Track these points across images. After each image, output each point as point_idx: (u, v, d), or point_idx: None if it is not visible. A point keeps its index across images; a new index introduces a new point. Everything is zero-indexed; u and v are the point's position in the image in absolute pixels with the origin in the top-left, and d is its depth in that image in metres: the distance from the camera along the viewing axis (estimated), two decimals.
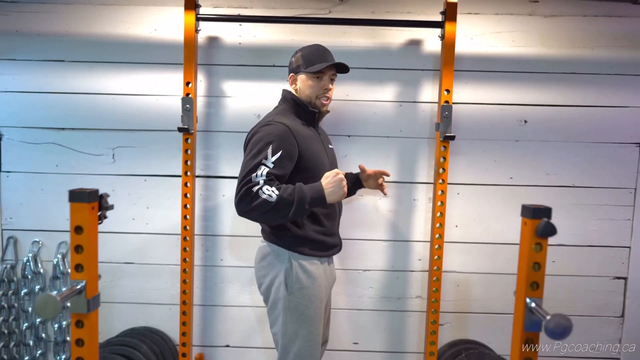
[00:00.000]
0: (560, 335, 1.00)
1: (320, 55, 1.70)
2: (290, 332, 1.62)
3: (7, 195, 2.30)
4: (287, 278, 1.62)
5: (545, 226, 1.09)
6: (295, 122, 1.66)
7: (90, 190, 1.17)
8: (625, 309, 2.32)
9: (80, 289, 1.17)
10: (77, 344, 1.19)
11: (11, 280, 2.31)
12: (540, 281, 1.13)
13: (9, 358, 2.33)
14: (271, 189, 1.48)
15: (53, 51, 2.24)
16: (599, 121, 2.25)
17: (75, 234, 1.17)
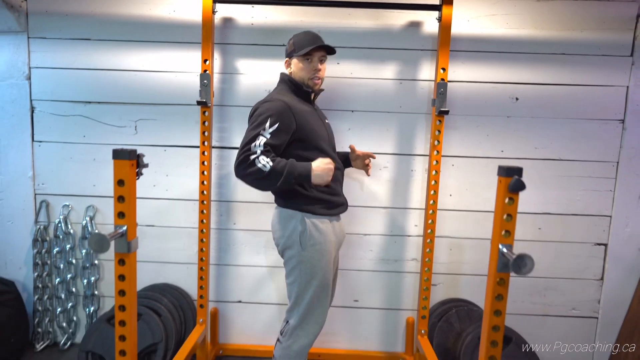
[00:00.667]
0: (523, 270, 1.20)
1: (309, 39, 1.86)
2: (304, 282, 1.83)
3: (39, 163, 2.52)
4: (301, 236, 1.81)
5: (515, 182, 1.28)
6: (293, 99, 1.84)
7: (131, 150, 1.38)
8: (604, 273, 2.52)
9: (122, 233, 1.39)
10: (120, 279, 1.42)
11: (44, 239, 2.54)
12: (512, 230, 1.33)
13: (43, 309, 2.58)
14: (266, 159, 1.66)
15: (80, 30, 2.43)
16: (585, 99, 2.41)
17: (117, 186, 1.38)
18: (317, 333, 1.88)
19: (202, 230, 2.30)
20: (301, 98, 1.91)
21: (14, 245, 2.57)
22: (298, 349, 1.85)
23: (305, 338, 1.85)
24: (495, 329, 1.37)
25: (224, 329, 2.61)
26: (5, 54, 2.42)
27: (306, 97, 1.92)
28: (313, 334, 1.86)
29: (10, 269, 2.58)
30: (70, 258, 2.55)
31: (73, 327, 2.61)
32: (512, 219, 1.32)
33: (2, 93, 2.45)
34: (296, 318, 1.85)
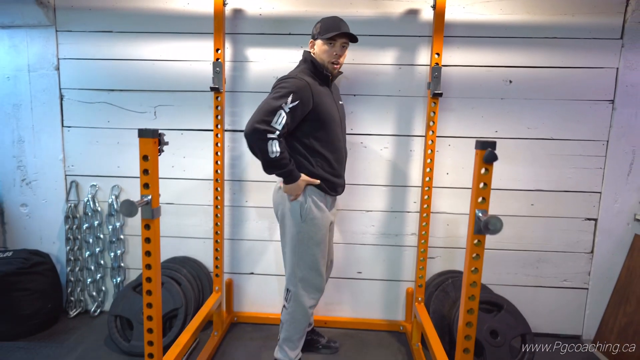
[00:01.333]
0: (492, 231, 1.38)
1: (335, 25, 2.00)
2: (301, 251, 2.03)
3: (68, 147, 2.76)
4: (301, 209, 2.01)
5: (488, 154, 1.44)
6: (314, 80, 1.99)
7: (153, 129, 1.59)
8: (594, 246, 2.66)
9: (148, 201, 1.60)
10: (146, 241, 1.64)
11: (75, 216, 2.79)
12: (487, 197, 1.50)
13: (75, 280, 2.84)
14: (278, 148, 1.85)
15: (102, 23, 2.64)
16: (576, 81, 2.53)
17: (143, 161, 1.59)
18: (317, 298, 2.10)
19: (216, 207, 2.51)
20: (320, 80, 2.05)
21: (48, 222, 2.83)
22: (301, 312, 2.08)
23: (306, 303, 2.07)
24: (473, 284, 1.55)
25: (238, 298, 2.85)
26: (36, 46, 2.64)
27: (324, 79, 2.07)
28: (314, 298, 2.08)
29: (45, 243, 2.84)
30: (98, 233, 2.80)
31: (102, 296, 2.87)
32: (487, 187, 1.49)
33: (34, 83, 2.68)
34: (296, 285, 2.06)
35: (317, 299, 2.10)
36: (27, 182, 2.79)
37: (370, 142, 2.64)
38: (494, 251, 2.70)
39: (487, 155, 1.45)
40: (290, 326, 2.10)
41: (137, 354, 2.41)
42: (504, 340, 2.34)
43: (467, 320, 1.58)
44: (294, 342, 2.12)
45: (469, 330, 1.59)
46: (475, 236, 1.52)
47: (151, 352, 1.71)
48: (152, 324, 1.69)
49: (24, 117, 2.72)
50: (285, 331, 2.12)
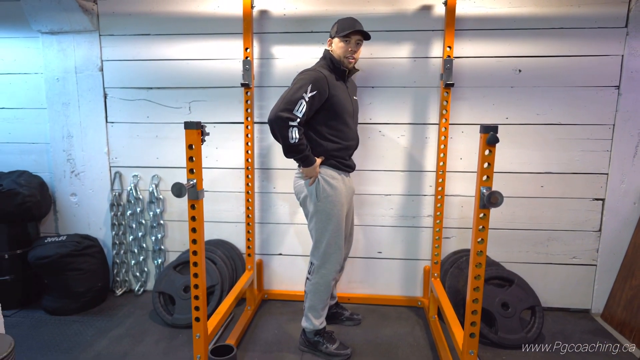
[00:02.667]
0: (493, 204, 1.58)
1: (349, 24, 2.21)
2: (321, 227, 2.27)
3: (112, 140, 3.03)
4: (317, 189, 2.25)
5: (491, 137, 1.63)
6: (331, 74, 2.22)
7: (197, 122, 1.83)
8: (602, 225, 2.82)
9: (193, 184, 1.85)
10: (192, 219, 1.88)
11: (119, 204, 3.08)
12: (490, 175, 1.69)
13: (120, 262, 3.13)
14: (297, 135, 2.07)
15: (141, 27, 2.89)
16: (583, 68, 2.68)
17: (188, 149, 1.84)
18: (337, 269, 2.33)
19: (247, 192, 2.76)
20: (336, 74, 2.27)
21: (95, 210, 3.12)
22: (324, 284, 2.32)
23: (328, 275, 2.31)
24: (479, 253, 1.75)
25: (268, 277, 3.10)
26: (83, 50, 2.92)
27: (341, 74, 2.28)
28: (334, 270, 2.32)
29: (93, 229, 3.14)
30: (140, 219, 3.07)
31: (145, 277, 3.16)
32: (490, 166, 1.68)
33: (80, 83, 2.96)
34: (319, 259, 2.31)
35: (337, 271, 2.34)
36: (76, 174, 3.08)
37: (388, 130, 2.84)
38: (506, 231, 2.88)
39: (490, 137, 1.64)
40: (314, 296, 2.34)
41: (179, 325, 2.68)
42: (515, 311, 2.54)
43: (475, 286, 1.78)
44: (317, 311, 2.36)
45: (476, 294, 1.79)
46: (481, 210, 1.71)
47: (198, 316, 1.96)
48: (199, 292, 1.94)
49: (72, 114, 3.00)
50: (310, 300, 2.36)
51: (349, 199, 2.40)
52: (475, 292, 1.79)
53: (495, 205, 1.60)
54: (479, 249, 1.74)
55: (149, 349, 2.46)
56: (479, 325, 1.84)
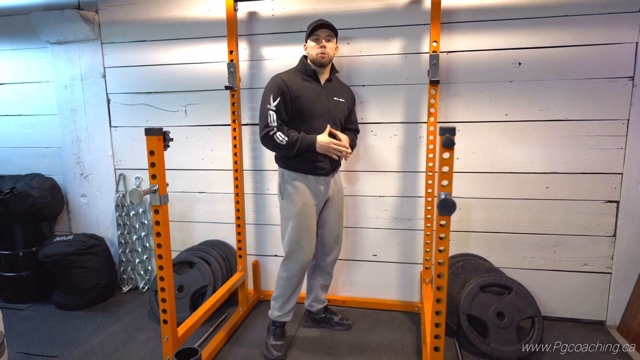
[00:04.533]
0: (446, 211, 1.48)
1: (314, 23, 2.24)
2: (283, 225, 2.36)
3: (116, 144, 3.16)
4: (281, 188, 2.32)
5: (446, 140, 1.52)
6: (296, 76, 2.24)
7: (158, 128, 1.85)
8: (617, 229, 2.57)
9: (155, 189, 1.88)
10: (157, 224, 1.92)
11: (123, 205, 3.20)
12: (449, 180, 1.58)
13: (126, 260, 3.26)
14: (282, 135, 2.14)
15: (138, 34, 2.98)
16: (591, 59, 2.45)
17: (150, 156, 1.87)
18: (298, 269, 2.33)
19: (237, 194, 2.77)
20: (308, 76, 2.28)
21: (103, 210, 3.27)
22: (286, 278, 2.37)
23: (289, 271, 2.35)
24: (440, 263, 1.64)
25: (265, 278, 3.10)
26: (87, 58, 3.06)
27: (312, 75, 2.27)
28: (295, 269, 2.34)
29: (102, 228, 3.29)
30: (143, 219, 3.18)
31: (149, 275, 3.27)
32: (448, 170, 1.57)
33: (86, 90, 3.11)
34: (286, 254, 2.37)
35: (298, 270, 2.34)
36: (85, 176, 3.24)
37: (380, 130, 2.75)
38: (508, 235, 2.70)
39: (445, 140, 1.54)
40: (277, 287, 2.41)
41: None
42: (511, 321, 2.37)
43: (437, 297, 1.68)
44: (279, 303, 2.40)
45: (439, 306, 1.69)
46: (440, 217, 1.61)
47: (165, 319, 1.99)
48: (165, 295, 1.97)
49: (80, 119, 3.16)
50: (275, 290, 2.43)
51: (320, 201, 2.35)
52: (438, 303, 1.69)
53: (449, 213, 1.49)
54: (441, 259, 1.64)
55: (139, 346, 2.54)
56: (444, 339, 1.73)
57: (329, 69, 2.33)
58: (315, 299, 2.64)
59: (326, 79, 2.32)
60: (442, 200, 1.50)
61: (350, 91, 2.50)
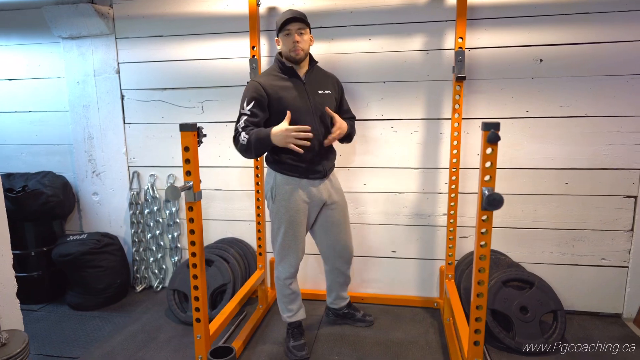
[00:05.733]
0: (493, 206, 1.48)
1: (283, 16, 2.12)
2: (275, 229, 2.32)
3: (130, 141, 3.11)
4: (272, 190, 2.25)
5: (491, 135, 1.53)
6: (273, 77, 2.17)
7: (192, 123, 1.82)
8: (634, 224, 2.61)
9: (190, 186, 1.85)
10: (190, 221, 1.89)
11: (137, 202, 3.16)
12: (492, 175, 1.59)
13: (140, 259, 3.22)
14: (245, 135, 2.05)
15: (154, 29, 2.94)
16: (611, 56, 2.48)
17: (184, 152, 1.84)
18: (292, 272, 2.34)
19: (257, 191, 2.75)
20: (285, 74, 2.20)
21: (116, 208, 3.22)
22: (277, 282, 2.39)
23: (281, 275, 2.36)
24: (482, 257, 1.65)
25: None
26: (100, 54, 3.00)
27: (290, 72, 2.19)
28: (288, 272, 2.34)
29: (114, 227, 3.24)
30: (157, 217, 3.14)
31: (163, 274, 3.23)
32: (492, 165, 1.58)
33: (99, 86, 3.05)
34: (275, 257, 2.37)
35: (291, 272, 2.33)
36: (97, 174, 3.18)
37: (401, 126, 2.75)
38: (528, 230, 2.73)
39: (490, 136, 1.54)
40: (277, 289, 2.43)
41: (191, 323, 2.69)
42: (534, 316, 2.40)
43: (478, 291, 1.69)
44: (283, 305, 2.43)
45: (480, 301, 1.70)
46: (483, 212, 1.62)
47: (198, 317, 1.97)
48: (199, 293, 1.95)
49: (92, 116, 3.10)
50: (276, 293, 2.45)
51: (315, 206, 2.30)
52: (478, 298, 1.70)
53: (495, 208, 1.50)
54: (482, 253, 1.65)
55: (161, 345, 2.51)
56: (484, 331, 1.75)
57: (307, 61, 2.24)
58: (336, 297, 2.64)
59: (306, 72, 2.23)
60: (489, 196, 1.51)
61: (336, 79, 2.40)
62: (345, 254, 2.47)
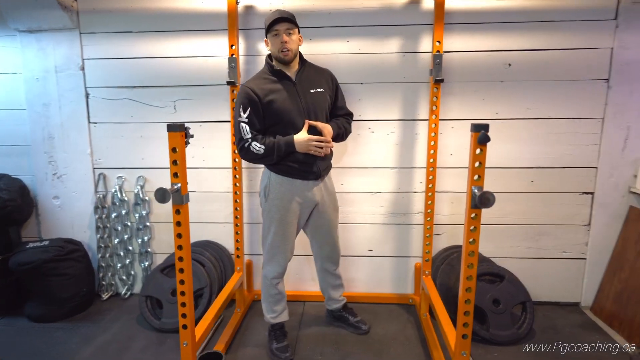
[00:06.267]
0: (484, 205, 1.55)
1: (271, 16, 2.11)
2: (266, 226, 2.32)
3: (95, 141, 2.95)
4: (266, 189, 2.27)
5: (482, 135, 1.60)
6: (263, 80, 2.17)
7: (180, 124, 1.77)
8: (592, 219, 2.82)
9: (178, 188, 1.79)
10: (177, 224, 1.83)
11: (103, 206, 3.00)
12: (481, 174, 1.66)
13: (106, 265, 3.06)
14: (258, 144, 2.09)
15: (123, 24, 2.80)
16: (573, 62, 2.66)
17: (172, 153, 1.78)
18: (280, 271, 2.35)
19: (235, 192, 2.70)
20: (275, 76, 2.19)
21: (79, 212, 3.04)
22: (264, 281, 2.40)
23: (268, 274, 2.36)
24: (471, 254, 1.72)
25: (258, 278, 3.05)
26: (63, 49, 2.82)
27: (280, 74, 2.18)
28: (276, 272, 2.35)
29: (77, 232, 3.06)
30: (126, 221, 3.00)
31: (131, 280, 3.09)
32: (481, 165, 1.65)
33: (61, 83, 2.87)
34: (264, 256, 2.37)
35: (279, 272, 2.35)
36: (58, 176, 2.99)
37: (378, 127, 2.80)
38: (497, 226, 2.86)
39: (480, 137, 1.61)
40: (263, 289, 2.43)
41: (167, 330, 2.63)
42: (506, 307, 2.53)
43: (467, 286, 1.76)
44: (267, 305, 2.43)
45: (468, 295, 1.77)
46: (472, 210, 1.69)
47: (185, 324, 1.91)
48: (185, 299, 1.89)
49: (53, 115, 2.91)
50: (262, 292, 2.46)
51: (307, 207, 2.31)
52: (467, 292, 1.77)
53: (486, 206, 1.57)
54: (471, 250, 1.72)
55: (136, 355, 2.40)
56: (472, 326, 1.82)
57: (297, 61, 2.23)
58: (330, 299, 2.65)
59: (296, 72, 2.21)
60: (483, 194, 1.57)
61: (329, 75, 2.36)
62: (332, 255, 2.50)
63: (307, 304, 2.98)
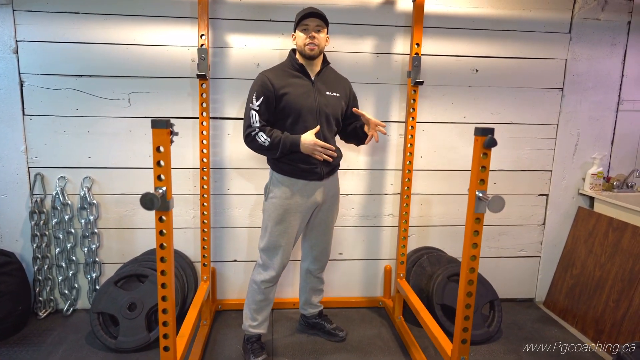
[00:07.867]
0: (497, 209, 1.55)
1: (304, 13, 2.09)
2: (263, 227, 2.23)
3: (31, 137, 2.56)
4: (267, 188, 2.22)
5: (489, 139, 1.60)
6: (283, 72, 2.12)
7: (165, 120, 1.56)
8: (546, 219, 3.00)
9: (163, 193, 1.58)
10: (161, 233, 1.62)
11: (41, 211, 2.61)
12: (485, 179, 1.66)
13: (44, 279, 2.67)
14: (265, 136, 2.03)
15: (67, 3, 2.45)
16: (531, 70, 2.80)
17: (156, 152, 1.57)
18: (273, 275, 2.23)
19: (203, 195, 2.49)
20: (295, 71, 2.14)
21: (10, 219, 2.62)
22: (255, 283, 2.25)
23: (263, 276, 2.23)
24: (472, 258, 1.72)
25: (222, 286, 2.85)
26: None
27: (301, 69, 2.14)
28: (269, 275, 2.23)
29: (7, 241, 2.63)
30: (69, 228, 2.64)
31: (75, 294, 2.73)
32: (485, 169, 1.65)
33: None
34: (260, 258, 2.25)
35: (273, 276, 2.22)
36: None
37: None
38: (461, 227, 2.94)
39: (487, 140, 1.61)
40: (250, 293, 2.29)
41: (125, 350, 2.35)
42: (477, 307, 2.59)
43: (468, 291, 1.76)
44: (249, 311, 2.29)
45: (469, 300, 1.77)
46: (475, 214, 1.68)
47: (167, 345, 1.70)
48: (168, 317, 1.68)
49: None
50: (247, 297, 2.32)
51: (308, 208, 2.21)
52: (468, 297, 1.76)
53: (497, 210, 1.56)
54: (472, 254, 1.71)
55: None
56: (471, 331, 1.82)
57: (320, 61, 2.20)
58: (306, 302, 2.54)
59: (317, 72, 2.18)
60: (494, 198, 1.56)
61: (348, 84, 2.34)
62: (322, 257, 2.42)
63: (275, 311, 2.84)
